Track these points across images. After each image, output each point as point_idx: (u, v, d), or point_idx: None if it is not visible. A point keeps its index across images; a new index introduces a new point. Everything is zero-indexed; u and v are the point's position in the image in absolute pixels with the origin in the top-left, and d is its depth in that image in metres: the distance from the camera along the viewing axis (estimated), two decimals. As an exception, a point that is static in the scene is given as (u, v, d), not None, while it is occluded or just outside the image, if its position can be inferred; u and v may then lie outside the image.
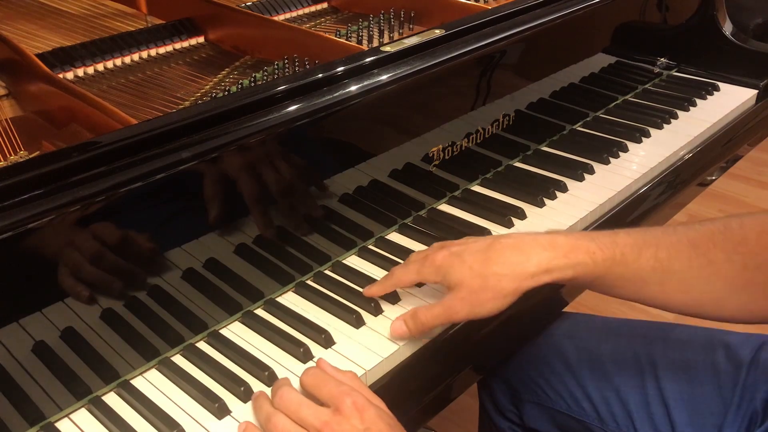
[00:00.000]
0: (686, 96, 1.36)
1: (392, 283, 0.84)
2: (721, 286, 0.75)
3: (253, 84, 1.04)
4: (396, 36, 1.21)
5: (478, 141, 1.07)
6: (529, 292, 0.77)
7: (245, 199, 0.83)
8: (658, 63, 1.43)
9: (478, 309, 0.77)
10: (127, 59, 1.12)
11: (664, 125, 1.27)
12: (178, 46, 1.17)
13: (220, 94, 1.02)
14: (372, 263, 0.94)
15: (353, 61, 0.90)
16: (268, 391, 0.74)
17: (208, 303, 0.82)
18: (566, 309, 1.03)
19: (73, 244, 0.69)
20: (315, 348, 0.80)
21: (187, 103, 1.01)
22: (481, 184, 1.10)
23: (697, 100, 1.35)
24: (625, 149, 1.19)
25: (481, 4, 1.25)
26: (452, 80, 1.00)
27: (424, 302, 0.86)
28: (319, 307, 0.86)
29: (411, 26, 1.23)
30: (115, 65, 1.11)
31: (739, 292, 0.75)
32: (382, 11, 1.24)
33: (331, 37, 1.12)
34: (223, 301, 0.83)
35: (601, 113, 1.32)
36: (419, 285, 0.88)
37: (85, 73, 1.07)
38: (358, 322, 0.83)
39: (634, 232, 0.78)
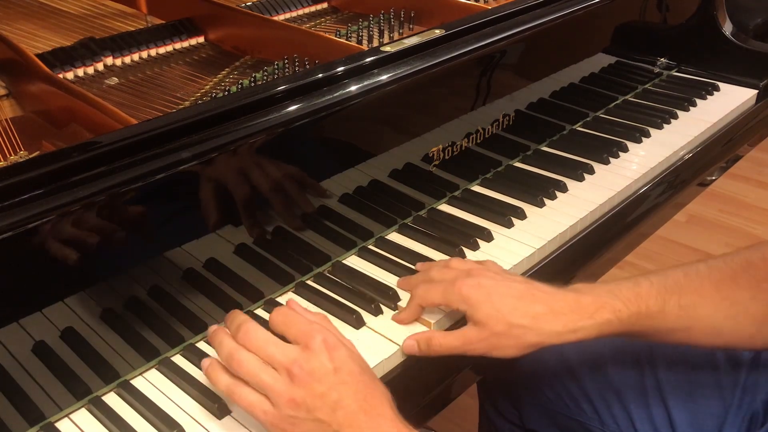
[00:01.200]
0: (686, 96, 1.36)
1: (417, 304, 0.82)
2: (749, 324, 0.76)
3: (253, 84, 1.04)
4: (396, 36, 1.21)
5: (478, 141, 1.07)
6: None
7: (245, 199, 0.83)
8: (658, 63, 1.43)
9: (496, 352, 0.76)
10: (127, 59, 1.12)
11: (664, 125, 1.27)
12: (178, 46, 1.17)
13: (220, 94, 1.02)
14: (372, 263, 0.93)
15: (353, 61, 0.90)
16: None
17: (208, 303, 0.82)
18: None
19: (74, 245, 0.69)
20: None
21: (187, 103, 1.01)
22: (481, 184, 1.10)
23: (697, 100, 1.35)
24: (625, 149, 1.19)
25: (481, 4, 1.25)
26: (452, 80, 1.00)
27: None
28: (319, 307, 0.86)
29: (411, 26, 1.23)
30: (115, 65, 1.11)
31: None
32: (382, 11, 1.23)
33: (331, 37, 1.12)
34: (223, 301, 0.83)
35: (601, 113, 1.32)
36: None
37: (85, 73, 1.07)
38: (358, 323, 0.83)
39: (655, 279, 0.77)
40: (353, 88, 0.88)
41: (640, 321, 0.76)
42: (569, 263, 0.99)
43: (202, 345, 0.81)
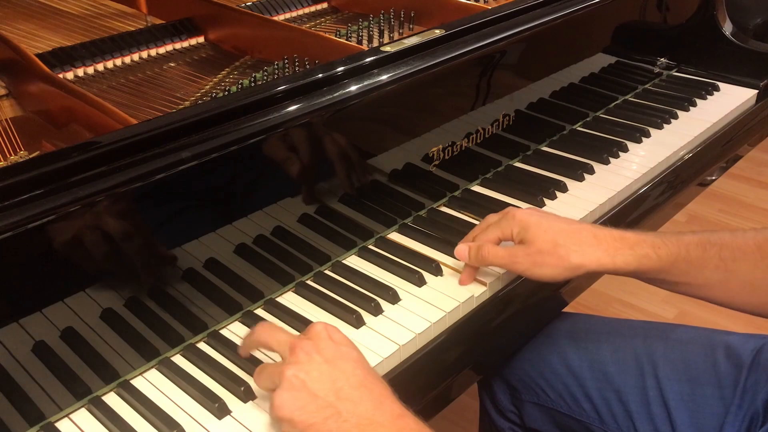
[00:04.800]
0: (686, 96, 1.36)
1: (477, 246, 0.86)
2: None
3: (253, 84, 1.04)
4: (396, 36, 1.21)
5: (478, 141, 1.07)
6: (574, 280, 0.83)
7: (245, 200, 0.83)
8: (658, 63, 1.43)
9: (538, 270, 0.81)
10: (127, 59, 1.12)
11: (664, 125, 1.27)
12: (178, 46, 1.17)
13: (220, 94, 1.02)
14: (372, 263, 0.93)
15: (353, 61, 0.90)
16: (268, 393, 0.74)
17: (208, 303, 0.82)
18: (566, 309, 1.03)
19: (73, 245, 0.69)
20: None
21: (187, 103, 1.01)
22: (481, 184, 1.10)
23: (697, 100, 1.35)
24: (625, 149, 1.19)
25: (481, 4, 1.25)
26: (452, 80, 1.00)
27: (424, 306, 0.86)
28: (319, 307, 0.86)
29: (411, 26, 1.23)
30: (115, 65, 1.11)
31: None
32: (382, 11, 1.24)
33: (331, 37, 1.12)
34: (223, 301, 0.83)
35: (601, 113, 1.32)
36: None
37: (85, 73, 1.07)
38: (358, 322, 0.83)
39: (700, 232, 0.81)
40: (353, 88, 0.88)
41: (678, 264, 0.79)
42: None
43: (202, 345, 0.82)
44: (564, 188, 1.08)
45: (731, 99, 1.36)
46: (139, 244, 0.75)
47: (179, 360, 0.80)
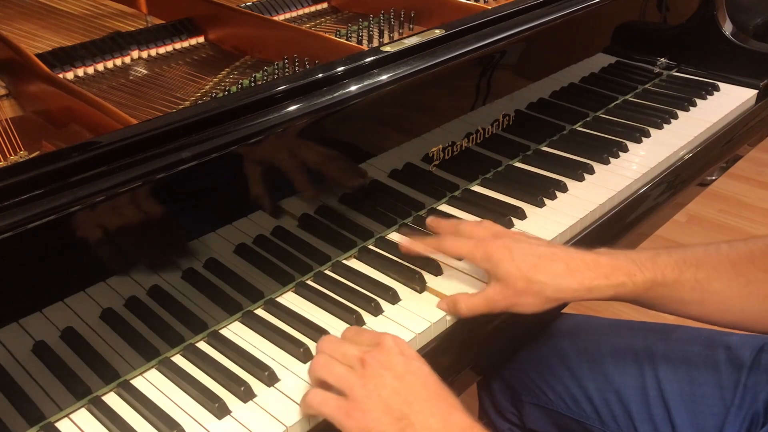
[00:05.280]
0: (686, 96, 1.36)
1: (437, 248, 0.87)
2: (760, 304, 0.78)
3: (253, 84, 1.04)
4: (396, 36, 1.21)
5: (478, 141, 1.07)
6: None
7: (245, 200, 0.83)
8: (658, 63, 1.43)
9: (518, 308, 0.80)
10: (128, 59, 1.12)
11: (664, 125, 1.27)
12: (178, 46, 1.17)
13: (220, 94, 1.02)
14: (372, 263, 0.93)
15: (353, 61, 0.90)
16: (268, 393, 0.74)
17: (208, 303, 0.82)
18: (566, 309, 1.03)
19: (73, 245, 0.69)
20: (316, 348, 0.80)
21: (187, 103, 1.01)
22: (481, 184, 1.10)
23: (697, 100, 1.35)
24: (625, 149, 1.19)
25: (481, 4, 1.25)
26: (452, 80, 1.00)
27: (424, 306, 0.86)
28: (319, 307, 0.86)
29: (411, 26, 1.23)
30: (115, 65, 1.11)
31: None
32: (382, 11, 1.23)
33: (331, 37, 1.12)
34: (223, 301, 0.83)
35: (601, 113, 1.32)
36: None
37: (85, 73, 1.07)
38: (358, 322, 0.83)
39: (675, 252, 0.80)
40: (353, 88, 0.88)
41: (654, 288, 0.78)
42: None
43: (202, 345, 0.81)
44: (564, 188, 1.08)
45: (731, 99, 1.36)
46: (139, 243, 0.75)
47: (179, 360, 0.80)
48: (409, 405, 0.65)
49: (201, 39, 1.20)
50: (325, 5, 1.35)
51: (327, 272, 0.92)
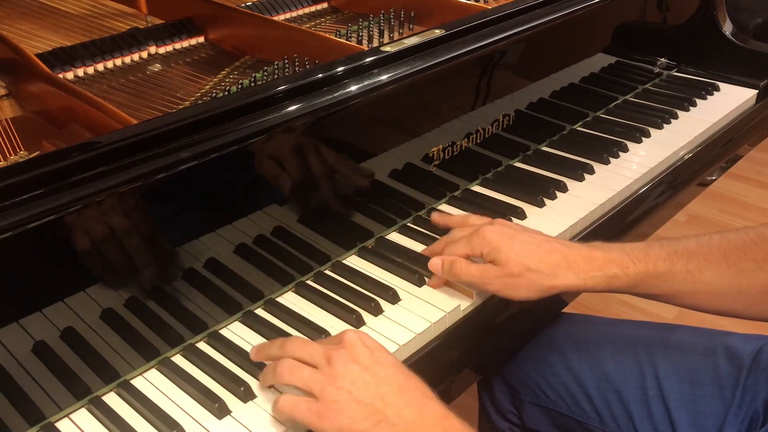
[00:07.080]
0: (686, 96, 1.36)
1: (450, 261, 0.85)
2: (752, 294, 0.79)
3: (253, 84, 1.04)
4: (396, 36, 1.21)
5: (478, 141, 1.07)
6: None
7: (245, 200, 0.83)
8: (658, 63, 1.43)
9: (510, 291, 0.82)
10: (127, 59, 1.12)
11: (664, 125, 1.27)
12: (178, 46, 1.17)
13: (220, 94, 1.02)
14: (372, 263, 0.93)
15: (353, 61, 0.90)
16: (268, 393, 0.74)
17: (208, 303, 0.82)
18: (566, 309, 1.03)
19: (73, 245, 0.69)
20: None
21: (187, 103, 1.01)
22: (481, 184, 1.10)
23: (697, 100, 1.35)
24: (625, 149, 1.19)
25: (481, 4, 1.25)
26: (452, 80, 1.00)
27: (424, 306, 0.86)
28: (319, 307, 0.86)
29: (411, 26, 1.23)
30: (115, 65, 1.11)
31: None
32: (382, 11, 1.24)
33: (331, 37, 1.12)
34: (223, 301, 0.83)
35: (601, 113, 1.32)
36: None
37: (85, 73, 1.07)
38: (358, 322, 0.83)
39: (667, 243, 0.82)
40: (353, 88, 0.88)
41: (647, 279, 0.80)
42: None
43: (202, 345, 0.82)
44: (564, 188, 1.08)
45: (731, 99, 1.36)
46: (140, 243, 0.75)
47: (179, 360, 0.80)
48: (381, 397, 0.65)
49: (201, 39, 1.20)
50: (325, 5, 1.35)
51: (327, 272, 0.92)
